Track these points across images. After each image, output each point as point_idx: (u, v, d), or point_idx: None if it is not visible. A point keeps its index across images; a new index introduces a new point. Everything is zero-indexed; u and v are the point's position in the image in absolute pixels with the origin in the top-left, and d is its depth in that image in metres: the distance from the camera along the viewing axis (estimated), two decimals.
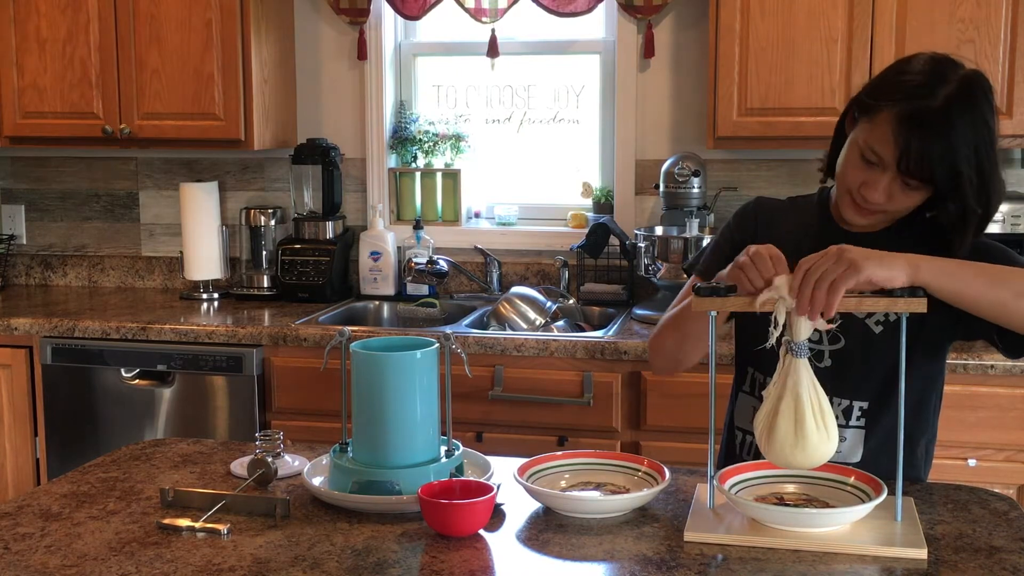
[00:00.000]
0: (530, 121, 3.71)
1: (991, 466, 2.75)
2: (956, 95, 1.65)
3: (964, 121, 1.65)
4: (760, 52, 3.04)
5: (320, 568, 1.47)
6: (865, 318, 1.79)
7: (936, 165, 1.64)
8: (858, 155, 1.71)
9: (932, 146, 1.63)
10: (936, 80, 1.67)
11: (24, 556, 1.53)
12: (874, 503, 1.58)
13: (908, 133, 1.64)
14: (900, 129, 1.64)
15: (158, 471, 1.89)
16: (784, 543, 1.53)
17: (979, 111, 1.67)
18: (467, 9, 3.53)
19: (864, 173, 1.71)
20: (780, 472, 1.70)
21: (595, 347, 2.92)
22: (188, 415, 3.19)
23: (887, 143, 1.66)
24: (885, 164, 1.68)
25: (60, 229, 3.99)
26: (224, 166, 3.82)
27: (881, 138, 1.67)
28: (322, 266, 3.55)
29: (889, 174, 1.68)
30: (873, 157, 1.69)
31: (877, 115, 1.69)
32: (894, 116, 1.66)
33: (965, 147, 1.64)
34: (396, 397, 1.67)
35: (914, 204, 1.72)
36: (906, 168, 1.65)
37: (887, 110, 1.67)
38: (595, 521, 1.63)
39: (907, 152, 1.64)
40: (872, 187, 1.70)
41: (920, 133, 1.63)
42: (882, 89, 1.71)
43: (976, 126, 1.66)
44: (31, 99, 3.54)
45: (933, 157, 1.63)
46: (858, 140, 1.72)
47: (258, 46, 3.44)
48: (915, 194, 1.70)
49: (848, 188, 1.75)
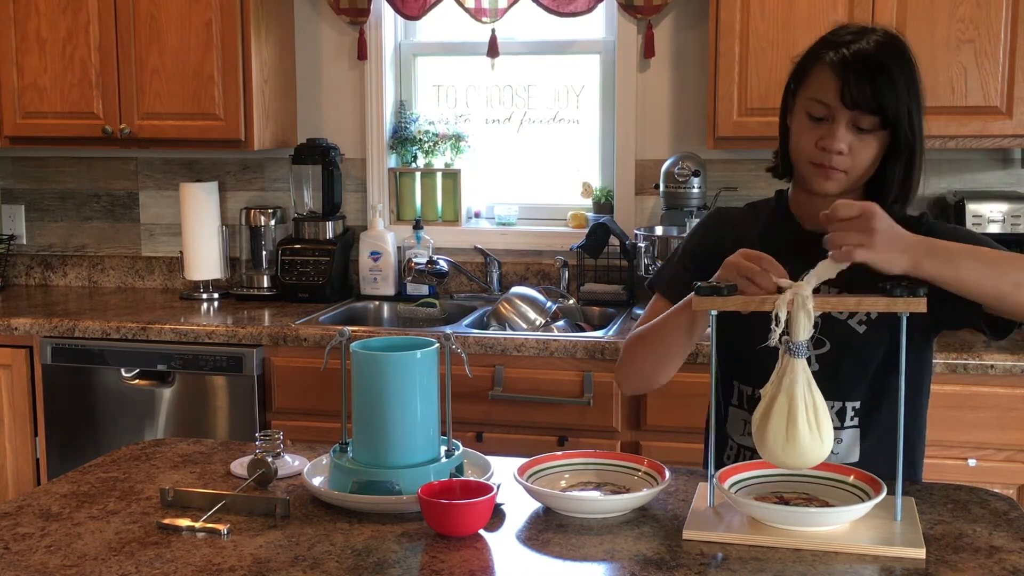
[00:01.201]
0: (530, 121, 3.71)
1: (991, 466, 2.75)
2: (884, 42, 1.73)
3: (895, 63, 1.71)
4: (760, 52, 3.04)
5: (320, 568, 1.47)
6: (847, 319, 1.79)
7: (881, 94, 1.68)
8: (806, 117, 1.75)
9: (872, 77, 1.69)
10: (863, 33, 1.74)
11: (24, 556, 1.53)
12: (873, 502, 1.58)
13: (846, 70, 1.70)
14: (838, 69, 1.71)
15: (158, 471, 1.89)
16: (784, 542, 1.53)
17: (906, 57, 1.74)
18: (467, 9, 3.53)
19: (817, 130, 1.74)
20: (780, 472, 1.70)
21: (595, 347, 2.92)
22: (188, 415, 3.19)
23: (829, 87, 1.71)
24: (833, 110, 1.72)
25: (60, 229, 4.00)
26: (224, 166, 3.82)
27: (822, 86, 1.72)
28: (322, 266, 3.55)
29: (840, 120, 1.71)
30: (820, 109, 1.73)
31: (813, 71, 1.75)
32: (830, 62, 1.72)
33: (903, 85, 1.70)
34: (396, 397, 1.67)
35: (872, 155, 1.74)
36: (851, 101, 1.69)
37: (822, 62, 1.74)
38: (595, 521, 1.63)
39: (848, 85, 1.69)
40: (829, 138, 1.72)
41: (857, 69, 1.69)
42: (812, 53, 1.77)
43: (903, 65, 1.72)
44: (31, 99, 3.54)
45: (875, 87, 1.68)
46: (802, 105, 1.77)
47: (258, 46, 3.44)
48: (871, 140, 1.72)
49: (807, 156, 1.77)
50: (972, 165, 3.30)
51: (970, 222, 3.02)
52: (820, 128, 1.74)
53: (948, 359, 2.72)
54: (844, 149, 1.72)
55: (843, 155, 1.73)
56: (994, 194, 3.16)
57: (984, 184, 3.30)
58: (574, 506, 1.66)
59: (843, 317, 1.79)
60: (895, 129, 1.71)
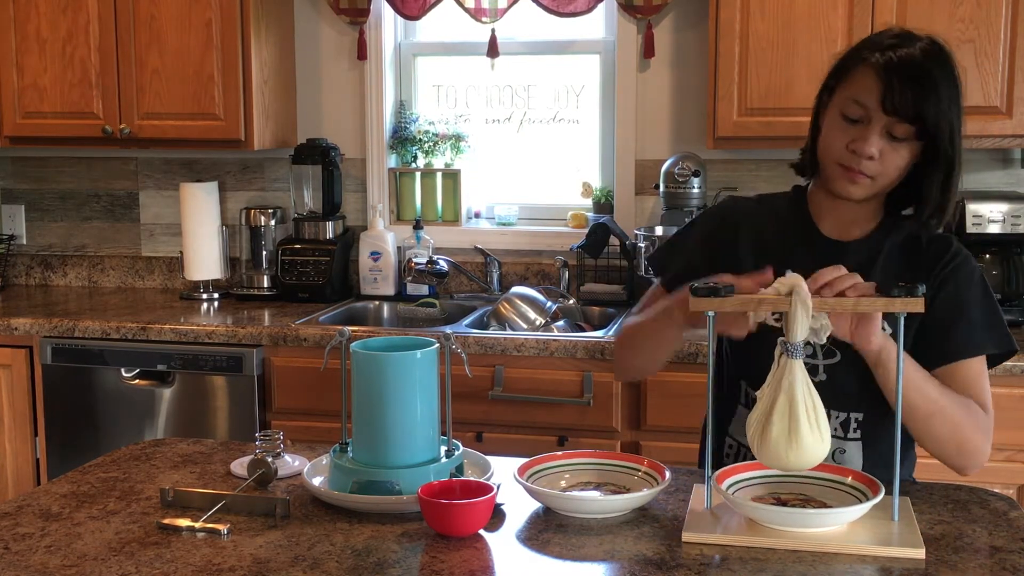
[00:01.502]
0: (530, 121, 3.71)
1: (991, 466, 2.72)
2: (930, 49, 1.69)
3: (940, 72, 1.67)
4: (760, 52, 3.04)
5: (320, 568, 1.47)
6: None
7: (922, 104, 1.65)
8: (840, 117, 1.72)
9: (916, 87, 1.65)
10: (909, 38, 1.71)
11: (24, 556, 1.53)
12: (871, 503, 1.58)
13: (890, 74, 1.66)
14: (882, 73, 1.67)
15: (158, 471, 1.89)
16: (782, 543, 1.53)
17: (951, 67, 1.70)
18: (467, 9, 3.53)
19: (850, 131, 1.70)
20: (777, 473, 1.69)
21: (595, 347, 2.92)
22: (188, 415, 3.19)
23: (870, 89, 1.67)
24: (870, 113, 1.68)
25: (60, 229, 4.00)
26: (224, 166, 3.82)
27: (863, 87, 1.69)
28: (322, 266, 3.55)
29: (876, 125, 1.68)
30: (857, 111, 1.69)
31: (855, 71, 1.71)
32: (875, 64, 1.68)
33: (945, 94, 1.66)
34: (396, 397, 1.67)
35: (902, 165, 1.71)
36: (892, 107, 1.65)
37: (866, 63, 1.69)
38: (595, 521, 1.63)
39: (891, 90, 1.65)
40: (862, 140, 1.69)
41: (902, 74, 1.65)
42: (856, 52, 1.74)
43: (949, 76, 1.68)
44: (31, 99, 3.54)
45: (917, 95, 1.65)
46: (838, 103, 1.73)
47: (258, 46, 3.44)
48: (902, 149, 1.69)
49: (836, 157, 1.73)
50: (972, 165, 3.30)
51: (970, 222, 3.02)
52: (853, 130, 1.70)
53: None
54: (875, 154, 1.68)
55: (873, 160, 1.69)
56: (994, 194, 3.16)
57: (984, 184, 3.30)
58: (574, 506, 1.66)
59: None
60: (935, 141, 1.67)
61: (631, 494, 1.68)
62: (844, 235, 1.82)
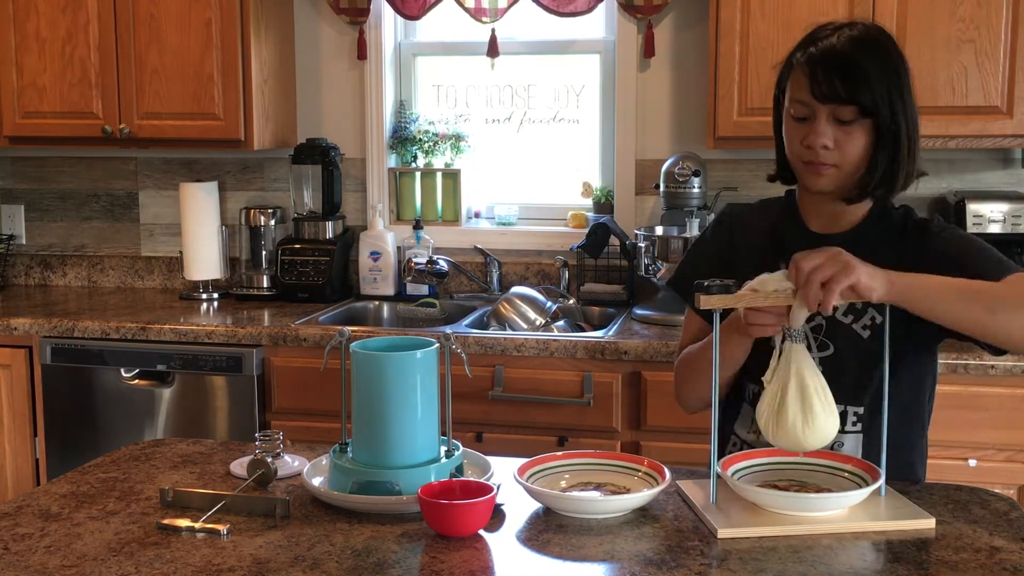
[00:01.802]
0: (530, 121, 3.71)
1: (991, 466, 2.75)
2: (855, 35, 1.75)
3: (865, 53, 1.72)
4: (760, 52, 3.04)
5: (320, 568, 1.47)
6: (852, 323, 1.80)
7: (852, 84, 1.70)
8: (792, 120, 1.78)
9: (842, 70, 1.71)
10: (833, 29, 1.78)
11: (24, 556, 1.53)
12: (875, 486, 1.64)
13: (814, 67, 1.73)
14: (805, 67, 1.74)
15: (158, 471, 1.89)
16: (811, 529, 1.57)
17: (881, 46, 1.75)
18: (467, 9, 3.53)
19: (802, 129, 1.76)
20: (772, 460, 1.75)
21: (595, 347, 2.91)
22: (188, 415, 3.19)
23: (803, 86, 1.74)
24: (812, 107, 1.74)
25: (60, 229, 3.99)
26: (224, 166, 3.82)
27: (798, 86, 1.76)
28: (322, 266, 3.55)
29: (820, 116, 1.73)
30: (800, 109, 1.75)
31: (791, 75, 1.78)
32: (798, 62, 1.77)
33: (877, 73, 1.71)
34: (396, 397, 1.67)
35: (861, 146, 1.74)
36: (822, 95, 1.71)
37: (796, 64, 1.77)
38: (595, 521, 1.63)
39: (817, 80, 1.72)
40: (812, 134, 1.74)
41: (827, 63, 1.72)
42: (788, 58, 1.82)
43: (879, 55, 1.73)
44: (31, 99, 3.54)
45: (844, 78, 1.70)
46: (786, 108, 1.80)
47: (258, 46, 3.44)
48: (856, 132, 1.73)
49: (798, 156, 1.79)
50: (972, 165, 3.30)
51: (970, 222, 3.02)
52: (804, 127, 1.76)
53: (949, 359, 2.72)
54: (828, 143, 1.73)
55: (828, 150, 1.74)
56: (994, 194, 3.16)
57: (984, 184, 3.30)
58: (574, 506, 1.66)
59: (848, 321, 1.80)
60: (876, 117, 1.72)
61: (631, 494, 1.68)
62: (832, 229, 1.86)
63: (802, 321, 1.62)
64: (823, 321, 1.79)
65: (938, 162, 3.31)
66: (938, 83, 2.94)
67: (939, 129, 2.96)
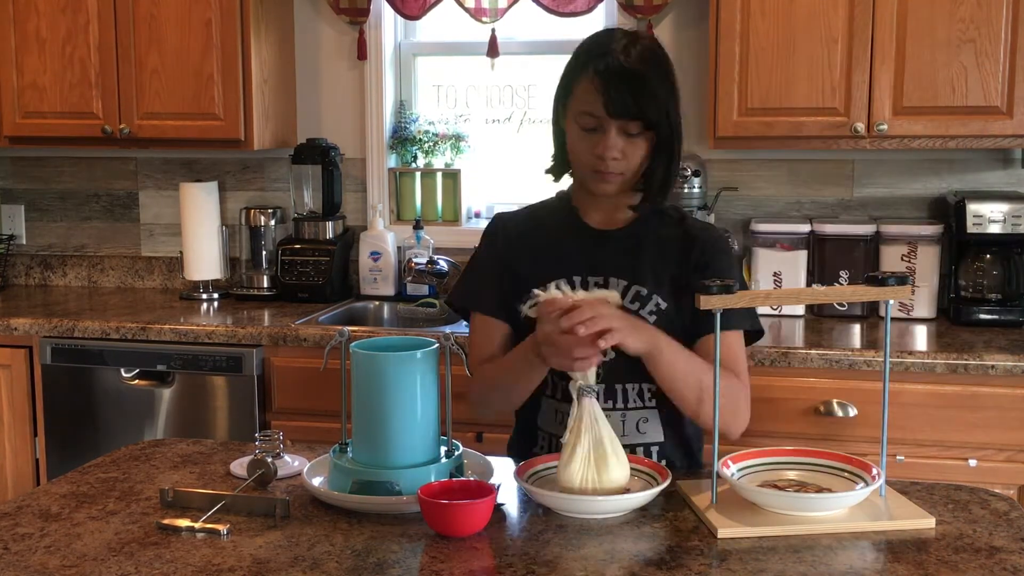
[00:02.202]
0: (530, 121, 3.71)
1: (992, 466, 2.75)
2: (636, 50, 1.85)
3: (649, 65, 1.84)
4: (760, 52, 3.04)
5: (320, 568, 1.47)
6: (638, 310, 1.90)
7: (641, 102, 1.81)
8: (578, 129, 1.88)
9: (630, 87, 1.81)
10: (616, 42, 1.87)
11: (24, 556, 1.53)
12: (875, 486, 1.64)
13: (605, 83, 1.82)
14: (598, 83, 1.83)
15: (158, 471, 1.89)
16: (810, 529, 1.58)
17: (660, 59, 1.88)
18: (467, 9, 3.53)
19: (591, 139, 1.86)
20: (776, 459, 1.76)
21: None
22: (188, 415, 3.19)
23: (594, 101, 1.83)
24: (601, 120, 1.84)
25: (60, 229, 3.99)
26: (224, 166, 3.82)
27: (587, 99, 1.85)
28: (322, 266, 3.55)
29: (610, 128, 1.84)
30: (590, 121, 1.85)
31: (577, 87, 1.87)
32: (591, 76, 1.84)
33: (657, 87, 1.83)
34: (396, 397, 1.67)
35: (643, 154, 1.87)
36: (616, 112, 1.82)
37: (583, 75, 1.86)
38: (595, 521, 1.63)
39: (610, 98, 1.81)
40: (603, 146, 1.84)
41: (615, 80, 1.82)
42: (572, 69, 1.91)
43: (659, 71, 1.86)
44: (31, 99, 3.53)
45: (635, 96, 1.81)
46: (572, 116, 1.88)
47: (258, 46, 3.44)
48: (639, 142, 1.85)
49: (587, 164, 1.89)
50: (972, 165, 3.30)
51: (970, 222, 3.02)
52: (593, 137, 1.86)
53: (949, 359, 2.72)
54: (619, 155, 1.85)
55: (618, 160, 1.85)
56: (994, 194, 3.16)
57: (984, 184, 3.30)
58: (574, 506, 1.66)
59: (635, 308, 1.90)
60: (657, 130, 1.84)
61: (631, 494, 1.68)
62: (609, 224, 1.98)
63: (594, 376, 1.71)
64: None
65: (938, 162, 3.31)
66: (938, 83, 2.94)
67: (939, 129, 2.96)
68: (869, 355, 2.76)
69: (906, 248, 3.15)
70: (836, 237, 3.21)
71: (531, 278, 1.91)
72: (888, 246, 3.17)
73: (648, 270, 1.93)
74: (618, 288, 1.90)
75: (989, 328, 3.01)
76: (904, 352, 2.75)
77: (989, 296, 3.09)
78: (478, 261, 2.08)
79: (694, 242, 1.95)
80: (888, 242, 3.17)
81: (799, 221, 3.28)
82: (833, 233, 3.22)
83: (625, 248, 1.95)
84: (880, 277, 1.66)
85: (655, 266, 1.93)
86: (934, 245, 3.15)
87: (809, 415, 2.78)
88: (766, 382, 2.71)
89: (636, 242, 1.95)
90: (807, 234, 3.23)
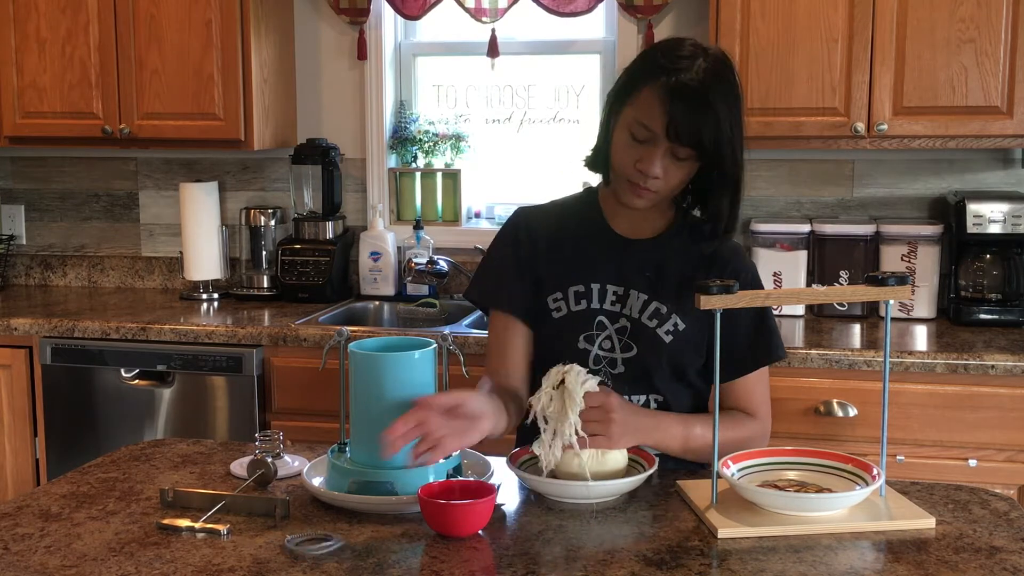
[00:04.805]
0: (530, 121, 3.71)
1: (992, 466, 2.75)
2: (711, 70, 1.77)
3: (720, 93, 1.76)
4: (760, 52, 3.04)
5: (320, 568, 1.47)
6: (656, 327, 1.87)
7: (702, 131, 1.74)
8: (628, 136, 1.80)
9: (696, 114, 1.74)
10: (690, 57, 1.77)
11: (24, 556, 1.53)
12: (876, 484, 1.65)
13: (672, 104, 1.74)
14: (665, 100, 1.74)
15: (158, 471, 1.89)
16: (807, 529, 1.58)
17: (731, 85, 1.79)
18: (467, 9, 3.53)
19: (638, 150, 1.79)
20: (776, 459, 1.76)
21: None
22: (188, 415, 3.19)
23: (655, 116, 1.75)
24: (655, 137, 1.76)
25: (60, 229, 3.99)
26: (224, 166, 3.82)
27: (648, 112, 1.76)
28: (322, 266, 3.55)
29: (660, 147, 1.77)
30: (643, 133, 1.77)
31: (640, 93, 1.78)
32: (657, 90, 1.75)
33: (725, 118, 1.75)
34: (394, 397, 1.67)
35: (684, 178, 1.82)
36: (675, 136, 1.74)
37: (649, 87, 1.76)
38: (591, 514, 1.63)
39: (674, 121, 1.74)
40: (648, 161, 1.78)
41: (684, 103, 1.74)
42: (642, 72, 1.80)
43: (729, 99, 1.77)
44: (31, 99, 3.53)
45: (699, 124, 1.74)
46: (626, 121, 1.80)
47: (258, 46, 3.44)
48: (685, 166, 1.79)
49: (625, 173, 1.82)
50: (972, 165, 3.30)
51: (970, 222, 3.02)
52: (640, 149, 1.79)
53: (949, 359, 2.72)
54: (660, 175, 1.79)
55: (658, 179, 1.79)
56: (994, 194, 3.16)
57: (984, 184, 3.30)
58: (564, 492, 1.68)
59: (652, 326, 1.87)
60: (719, 163, 1.77)
61: (621, 480, 1.70)
62: (636, 233, 1.93)
63: (570, 430, 1.69)
64: (628, 324, 1.88)
65: (938, 162, 3.31)
66: (938, 83, 2.94)
67: (939, 129, 2.96)
68: (869, 355, 2.76)
69: (906, 248, 3.15)
70: (836, 237, 3.21)
71: (550, 280, 1.88)
72: (888, 246, 3.17)
73: (672, 288, 1.88)
74: (638, 302, 1.87)
75: (989, 328, 3.02)
76: (904, 352, 2.75)
77: (989, 296, 3.09)
78: (498, 257, 2.00)
79: (723, 268, 1.90)
80: (888, 242, 3.17)
81: (799, 221, 3.28)
82: (833, 233, 3.22)
83: (651, 261, 1.90)
84: (880, 277, 1.66)
85: (679, 284, 1.87)
86: (934, 245, 3.15)
87: (809, 415, 2.79)
88: None
89: (662, 255, 1.89)
90: (807, 234, 3.23)
